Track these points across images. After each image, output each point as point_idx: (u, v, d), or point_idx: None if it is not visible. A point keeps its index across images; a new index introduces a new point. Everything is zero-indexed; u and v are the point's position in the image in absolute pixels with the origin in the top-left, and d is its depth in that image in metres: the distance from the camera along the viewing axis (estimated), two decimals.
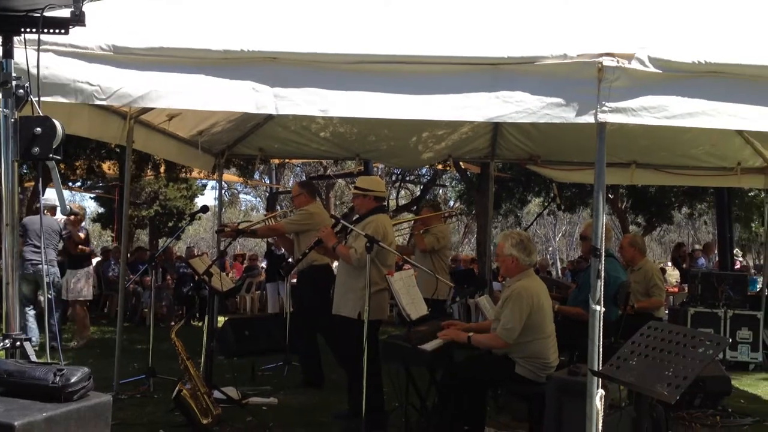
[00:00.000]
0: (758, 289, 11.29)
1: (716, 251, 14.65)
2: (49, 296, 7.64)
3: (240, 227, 7.31)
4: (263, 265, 16.57)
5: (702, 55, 3.58)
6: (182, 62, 3.79)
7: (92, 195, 23.21)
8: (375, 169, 16.68)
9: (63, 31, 3.34)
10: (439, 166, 16.13)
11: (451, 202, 33.60)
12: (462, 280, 14.10)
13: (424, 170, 24.48)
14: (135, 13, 4.18)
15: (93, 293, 10.23)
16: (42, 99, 3.61)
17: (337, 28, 3.95)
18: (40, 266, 8.75)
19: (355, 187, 6.21)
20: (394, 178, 27.52)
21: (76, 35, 3.58)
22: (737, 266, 17.33)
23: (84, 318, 10.16)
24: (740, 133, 8.15)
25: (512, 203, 20.05)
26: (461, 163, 13.17)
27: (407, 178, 28.04)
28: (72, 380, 3.15)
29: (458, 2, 4.41)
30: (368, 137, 9.23)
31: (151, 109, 6.58)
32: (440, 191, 32.02)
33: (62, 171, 13.24)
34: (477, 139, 9.33)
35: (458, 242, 42.19)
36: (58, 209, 7.07)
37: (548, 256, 41.03)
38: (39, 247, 8.81)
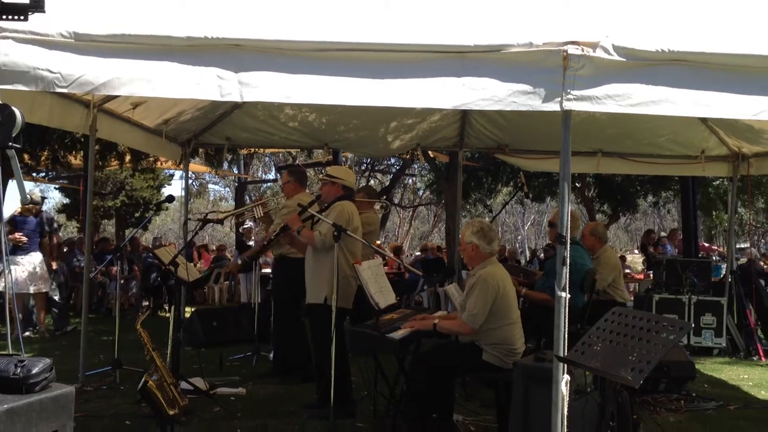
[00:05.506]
0: (722, 276, 11.48)
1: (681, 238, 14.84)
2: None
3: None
4: (233, 256, 16.47)
5: (665, 43, 3.62)
6: (145, 49, 3.73)
7: (57, 185, 22.86)
8: (344, 158, 16.62)
9: (22, 17, 3.29)
10: (407, 156, 16.12)
11: (421, 191, 33.73)
12: (431, 269, 14.20)
13: (393, 159, 24.49)
14: None
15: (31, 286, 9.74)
16: (1, 87, 3.57)
17: (302, 14, 3.92)
18: None
19: (326, 175, 6.20)
20: (363, 167, 27.51)
21: (36, 22, 3.53)
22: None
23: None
24: (704, 121, 8.27)
25: (481, 192, 20.11)
26: (430, 152, 13.18)
27: (376, 168, 28.05)
28: (33, 371, 3.13)
29: None
30: (337, 127, 9.20)
31: (115, 97, 6.52)
32: (410, 180, 32.09)
33: (26, 161, 13.02)
34: (445, 128, 9.34)
35: (428, 231, 42.37)
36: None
37: (517, 245, 41.38)
38: None
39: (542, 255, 18.24)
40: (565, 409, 3.77)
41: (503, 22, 3.90)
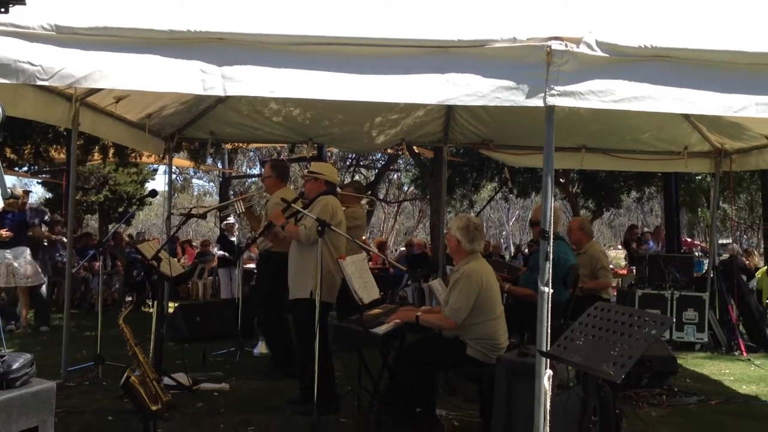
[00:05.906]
0: (704, 272, 11.55)
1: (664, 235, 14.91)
2: None
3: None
4: (215, 250, 16.39)
5: (648, 39, 3.63)
6: (127, 42, 3.71)
7: (39, 180, 22.67)
8: (329, 154, 16.56)
9: (3, 10, 3.25)
10: (392, 151, 16.11)
11: (406, 187, 33.76)
12: (416, 264, 14.20)
13: (378, 155, 24.48)
14: None
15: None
16: None
17: (286, 8, 3.90)
18: None
19: (309, 171, 6.21)
20: (348, 162, 27.47)
21: (16, 14, 3.50)
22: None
23: None
24: (687, 117, 8.32)
25: (466, 188, 20.14)
26: (415, 147, 13.17)
27: (361, 163, 28.02)
28: (14, 366, 3.11)
29: None
30: (321, 122, 9.18)
31: (98, 91, 6.47)
32: (395, 176, 32.09)
33: (8, 155, 12.90)
34: (430, 123, 9.35)
35: (412, 227, 42.41)
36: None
37: (501, 240, 41.50)
38: None
39: (527, 250, 18.29)
40: (548, 404, 3.78)
41: (487, 17, 3.89)
